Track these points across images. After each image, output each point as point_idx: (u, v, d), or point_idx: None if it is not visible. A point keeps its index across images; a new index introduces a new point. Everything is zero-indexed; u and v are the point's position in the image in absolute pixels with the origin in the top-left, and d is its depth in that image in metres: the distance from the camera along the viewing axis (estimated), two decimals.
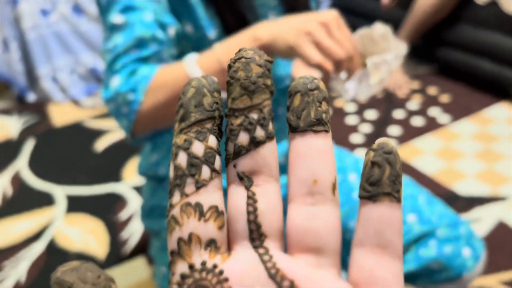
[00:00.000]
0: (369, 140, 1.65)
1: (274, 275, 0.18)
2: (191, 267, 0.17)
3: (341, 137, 1.67)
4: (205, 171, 0.18)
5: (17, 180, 1.61)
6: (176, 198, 0.18)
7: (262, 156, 0.18)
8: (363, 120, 1.75)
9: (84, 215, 1.44)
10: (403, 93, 1.86)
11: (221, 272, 0.18)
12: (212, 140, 0.18)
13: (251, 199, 0.18)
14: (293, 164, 0.19)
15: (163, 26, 0.64)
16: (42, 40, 2.10)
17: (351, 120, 1.74)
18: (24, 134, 1.87)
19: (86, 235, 1.37)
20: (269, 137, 0.18)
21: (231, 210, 0.18)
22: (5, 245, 1.35)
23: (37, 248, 1.33)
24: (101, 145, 1.75)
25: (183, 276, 0.17)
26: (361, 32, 0.64)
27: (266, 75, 0.18)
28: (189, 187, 0.18)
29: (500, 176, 1.49)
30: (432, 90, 1.89)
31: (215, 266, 0.18)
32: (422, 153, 1.60)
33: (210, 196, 0.18)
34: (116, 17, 0.63)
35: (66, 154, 1.74)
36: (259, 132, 0.18)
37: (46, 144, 1.81)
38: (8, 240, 1.37)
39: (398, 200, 0.18)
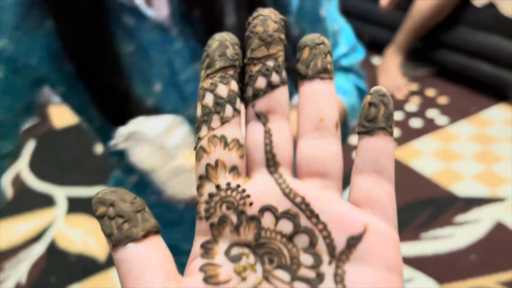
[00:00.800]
0: None
1: (288, 193, 0.21)
2: (218, 187, 0.21)
3: None
4: (228, 110, 0.21)
5: (17, 182, 1.61)
6: (204, 131, 0.21)
7: (276, 98, 0.21)
8: None
9: (84, 216, 1.44)
10: (402, 95, 1.87)
11: (243, 191, 0.21)
12: (233, 85, 0.21)
13: (267, 133, 0.21)
14: (303, 106, 0.22)
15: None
16: None
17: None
18: (25, 136, 1.88)
19: (86, 236, 1.37)
20: (282, 82, 0.21)
21: (250, 143, 0.22)
22: (6, 246, 1.36)
23: (38, 249, 1.34)
24: (101, 146, 1.76)
25: (211, 195, 0.21)
26: None
27: (281, 30, 0.22)
28: (215, 122, 0.21)
29: (498, 177, 1.50)
30: (430, 92, 1.90)
31: (238, 186, 0.21)
32: (420, 155, 1.61)
33: (232, 130, 0.21)
34: None
35: (67, 155, 1.74)
36: (275, 77, 0.21)
37: (47, 145, 1.81)
38: (9, 241, 1.37)
39: (391, 133, 0.21)
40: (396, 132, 1.71)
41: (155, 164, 0.51)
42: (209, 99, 0.21)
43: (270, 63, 0.21)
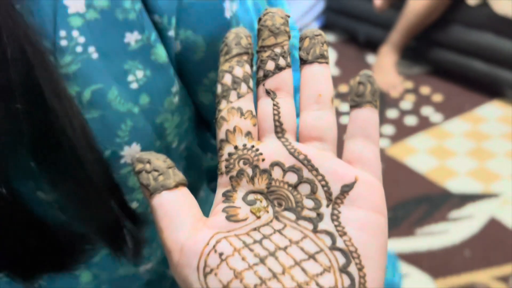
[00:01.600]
0: None
1: (293, 152, 0.25)
2: (236, 147, 0.25)
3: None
4: (243, 87, 0.26)
5: None
6: (223, 104, 0.26)
7: (283, 78, 0.26)
8: None
9: None
10: (397, 93, 1.89)
11: (257, 150, 0.25)
12: (247, 68, 0.26)
13: (276, 106, 0.26)
14: (304, 85, 0.26)
15: None
16: None
17: (345, 119, 1.76)
18: None
19: None
20: (288, 65, 0.26)
21: (261, 114, 0.26)
22: None
23: None
24: None
25: (230, 154, 0.25)
26: None
27: (286, 24, 0.27)
28: (233, 97, 0.26)
29: (492, 174, 1.52)
30: (425, 90, 1.92)
31: (252, 146, 0.26)
32: (415, 152, 1.62)
33: (247, 104, 0.26)
34: None
35: None
36: (282, 61, 0.26)
37: None
38: None
39: (376, 106, 0.26)
40: (391, 129, 1.73)
41: None
42: (227, 79, 0.26)
43: (278, 50, 0.26)
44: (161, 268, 0.48)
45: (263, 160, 0.25)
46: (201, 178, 0.49)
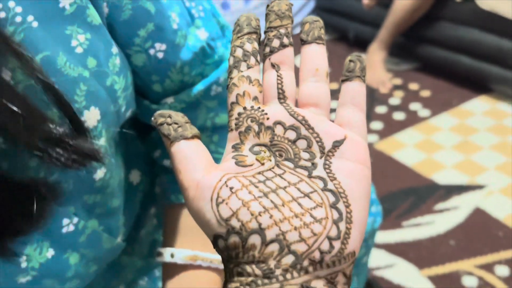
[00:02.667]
0: None
1: (293, 114, 0.30)
2: (245, 108, 0.30)
3: None
4: (252, 60, 0.31)
5: None
6: (235, 73, 0.31)
7: (286, 54, 0.31)
8: None
9: None
10: (386, 89, 1.92)
11: (262, 110, 0.30)
12: (256, 44, 0.31)
13: (279, 77, 0.31)
14: (303, 61, 0.31)
15: None
16: None
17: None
18: None
19: None
20: (290, 44, 0.31)
21: (266, 83, 0.31)
22: None
23: None
24: None
25: (240, 113, 0.30)
26: None
27: (290, 10, 0.32)
28: (243, 67, 0.31)
29: (477, 166, 1.55)
30: (413, 86, 1.95)
31: (259, 107, 0.30)
32: (403, 146, 1.65)
33: (254, 74, 0.31)
34: None
35: None
36: (285, 40, 0.31)
37: None
38: None
39: (364, 81, 0.31)
40: (380, 125, 1.76)
41: None
42: (239, 52, 0.31)
43: (282, 30, 0.31)
44: (133, 233, 0.54)
45: (267, 119, 0.30)
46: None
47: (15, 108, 0.29)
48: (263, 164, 0.29)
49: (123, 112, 0.42)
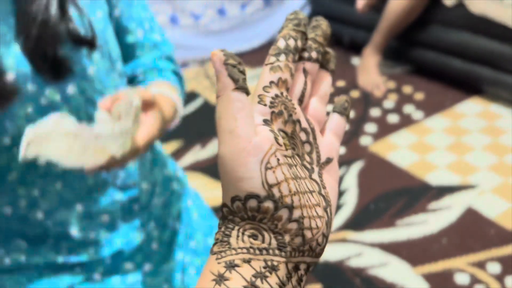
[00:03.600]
0: (346, 138, 1.73)
1: (307, 119, 0.34)
2: (282, 93, 0.32)
3: None
4: (294, 57, 0.33)
5: None
6: (283, 58, 0.32)
7: (315, 67, 0.35)
8: None
9: None
10: (380, 93, 1.95)
11: (293, 104, 0.33)
12: (299, 43, 0.33)
13: (305, 84, 0.34)
14: (319, 82, 0.36)
15: None
16: None
17: None
18: None
19: None
20: (319, 62, 0.35)
21: (295, 83, 0.34)
22: None
23: None
24: None
25: (276, 95, 0.31)
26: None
27: (329, 35, 0.36)
28: (290, 58, 0.32)
29: (469, 166, 1.58)
30: (407, 89, 1.98)
31: (290, 100, 0.33)
32: (396, 148, 1.68)
33: (293, 70, 0.33)
34: None
35: None
36: (319, 57, 0.35)
37: None
38: None
39: (348, 120, 0.37)
40: (374, 127, 1.79)
41: (76, 154, 0.54)
42: (291, 43, 0.33)
43: (321, 49, 0.35)
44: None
45: (295, 113, 0.33)
46: None
47: None
48: (286, 150, 0.31)
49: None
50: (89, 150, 0.55)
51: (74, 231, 0.69)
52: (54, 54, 0.60)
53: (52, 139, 0.53)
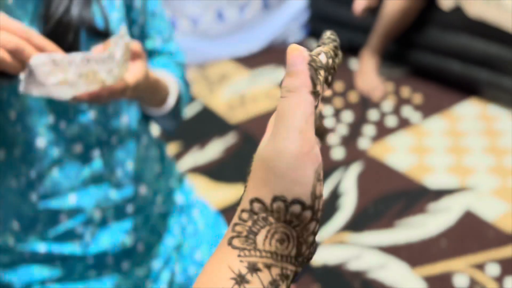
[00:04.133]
0: (344, 141, 1.73)
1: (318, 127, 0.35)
2: (318, 91, 0.30)
3: None
4: (324, 73, 0.32)
5: None
6: (324, 63, 0.32)
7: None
8: (340, 122, 1.84)
9: None
10: (379, 95, 1.95)
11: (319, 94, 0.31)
12: (330, 62, 0.33)
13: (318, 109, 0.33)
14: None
15: None
16: None
17: (329, 121, 1.83)
18: None
19: None
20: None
21: None
22: None
23: None
24: None
25: (314, 93, 0.30)
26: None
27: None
28: (322, 73, 0.31)
29: (467, 169, 1.58)
30: (405, 91, 1.98)
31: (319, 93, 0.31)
32: (394, 150, 1.68)
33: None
34: None
35: None
36: (328, 76, 0.33)
37: None
38: None
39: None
40: (372, 130, 1.79)
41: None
42: (328, 58, 0.33)
43: (332, 69, 0.34)
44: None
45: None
46: None
47: None
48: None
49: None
50: (82, 76, 0.56)
51: (64, 219, 0.70)
52: (70, 44, 0.62)
53: (49, 67, 0.55)
